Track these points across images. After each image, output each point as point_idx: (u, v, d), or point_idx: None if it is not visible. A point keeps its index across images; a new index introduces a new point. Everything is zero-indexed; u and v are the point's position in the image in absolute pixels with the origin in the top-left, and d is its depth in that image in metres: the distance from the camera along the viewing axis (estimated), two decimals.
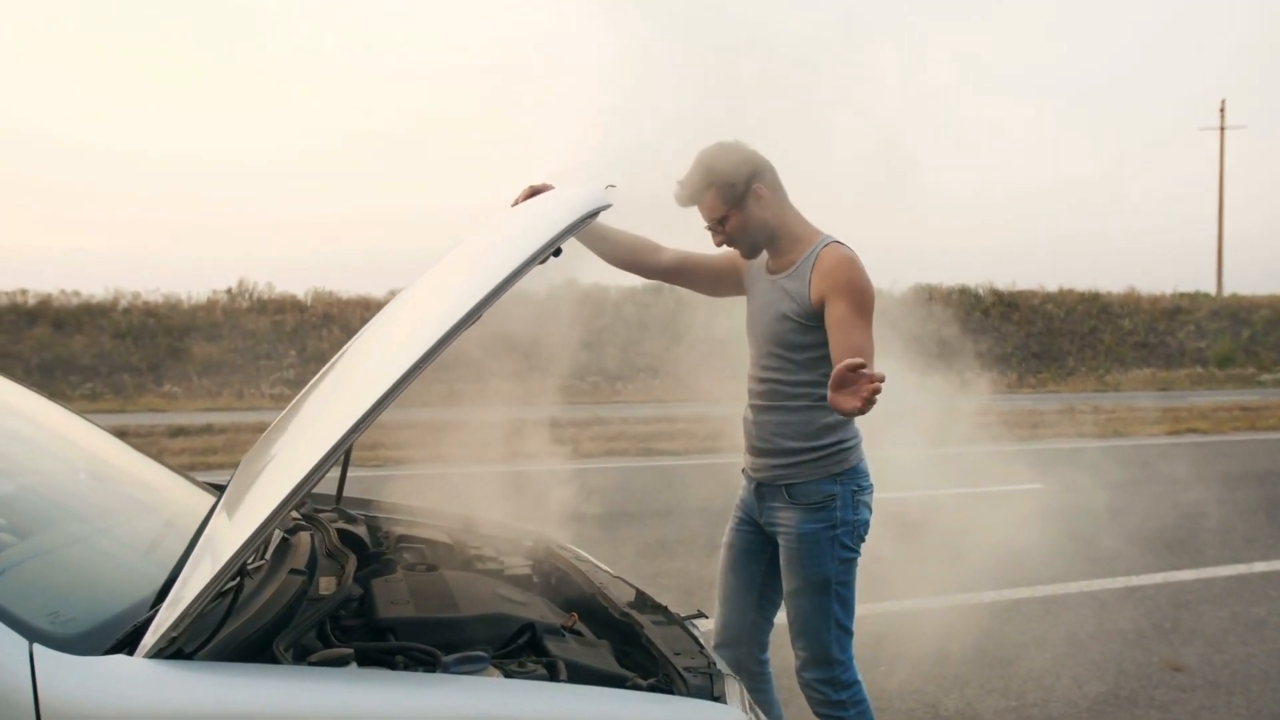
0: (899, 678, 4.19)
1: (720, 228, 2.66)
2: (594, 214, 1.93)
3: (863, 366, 2.14)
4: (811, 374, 2.63)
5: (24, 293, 21.48)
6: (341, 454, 1.49)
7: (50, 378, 19.32)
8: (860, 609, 5.02)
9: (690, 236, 2.77)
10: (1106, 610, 5.24)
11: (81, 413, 2.86)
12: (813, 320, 2.59)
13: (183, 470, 2.84)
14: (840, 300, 2.53)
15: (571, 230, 1.82)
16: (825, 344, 2.55)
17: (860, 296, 2.53)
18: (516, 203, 2.60)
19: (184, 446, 11.50)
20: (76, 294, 22.03)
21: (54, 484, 2.49)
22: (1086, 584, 5.72)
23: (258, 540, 1.46)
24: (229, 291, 23.07)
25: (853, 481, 2.67)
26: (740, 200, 2.62)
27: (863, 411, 2.15)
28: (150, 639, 1.45)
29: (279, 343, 21.31)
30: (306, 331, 22.13)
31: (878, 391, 2.13)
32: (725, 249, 2.76)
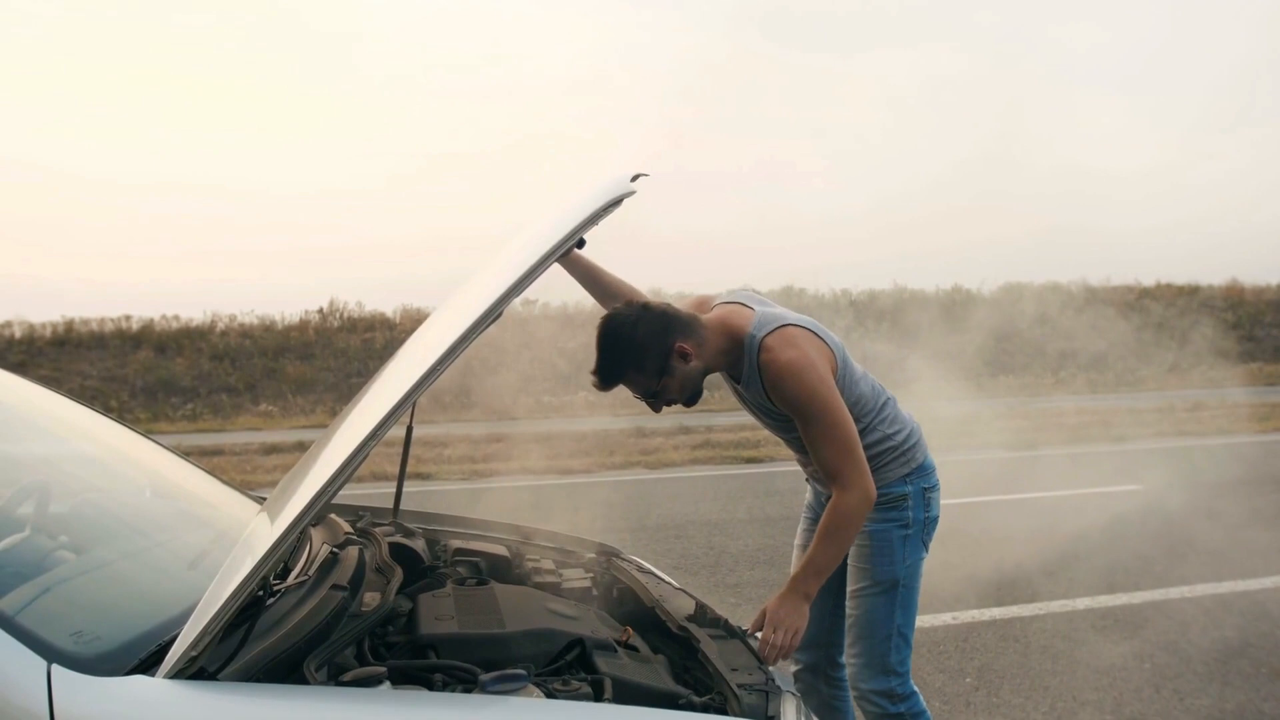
0: (985, 690, 4.02)
1: (654, 399, 2.39)
2: (616, 202, 1.87)
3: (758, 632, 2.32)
4: None
5: (128, 318, 22.31)
6: (357, 467, 1.45)
7: (153, 400, 19.97)
8: (945, 617, 4.87)
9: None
10: (1210, 617, 4.96)
11: (146, 433, 2.90)
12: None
13: (240, 486, 2.85)
14: (794, 414, 2.38)
15: (593, 220, 1.78)
16: None
17: (808, 400, 2.33)
18: None
19: (276, 464, 11.76)
20: (176, 318, 22.80)
21: (115, 500, 2.52)
22: (1188, 589, 5.43)
23: (272, 558, 1.43)
24: (320, 311, 23.60)
25: (923, 479, 2.63)
26: (666, 367, 2.33)
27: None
28: (170, 659, 1.43)
29: (370, 360, 21.69)
30: (396, 348, 22.40)
31: (778, 656, 2.32)
32: None
